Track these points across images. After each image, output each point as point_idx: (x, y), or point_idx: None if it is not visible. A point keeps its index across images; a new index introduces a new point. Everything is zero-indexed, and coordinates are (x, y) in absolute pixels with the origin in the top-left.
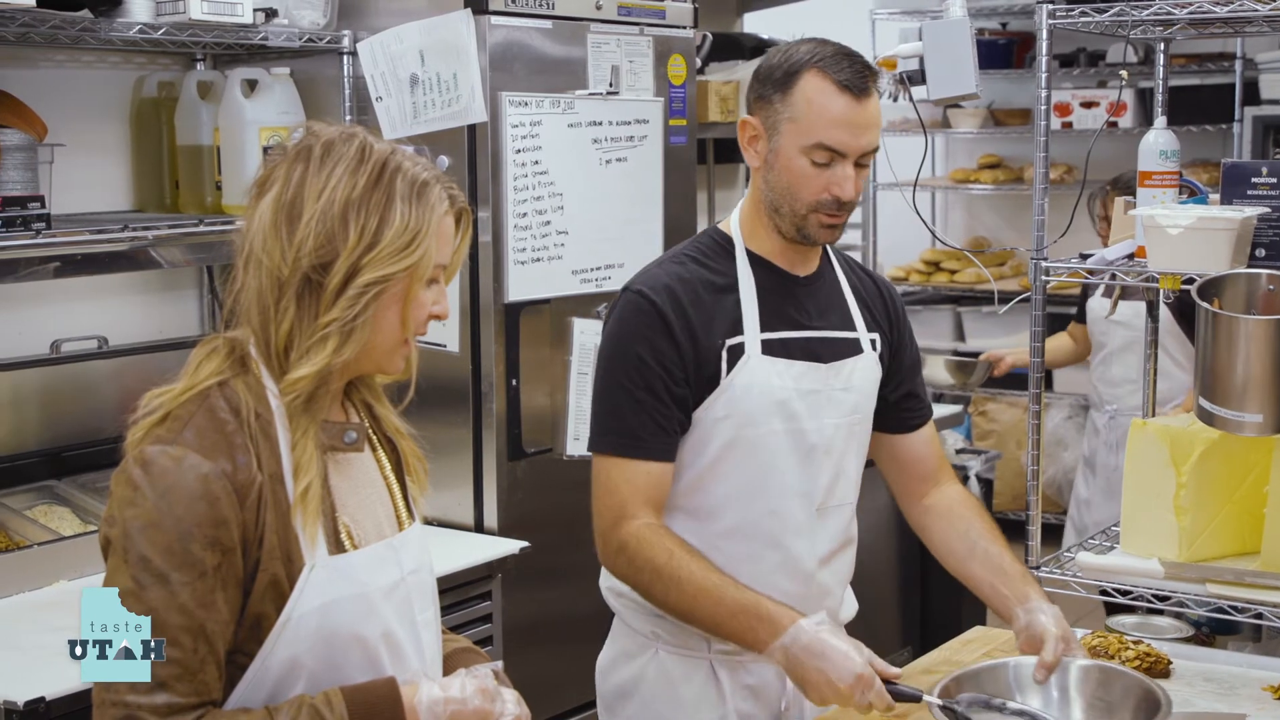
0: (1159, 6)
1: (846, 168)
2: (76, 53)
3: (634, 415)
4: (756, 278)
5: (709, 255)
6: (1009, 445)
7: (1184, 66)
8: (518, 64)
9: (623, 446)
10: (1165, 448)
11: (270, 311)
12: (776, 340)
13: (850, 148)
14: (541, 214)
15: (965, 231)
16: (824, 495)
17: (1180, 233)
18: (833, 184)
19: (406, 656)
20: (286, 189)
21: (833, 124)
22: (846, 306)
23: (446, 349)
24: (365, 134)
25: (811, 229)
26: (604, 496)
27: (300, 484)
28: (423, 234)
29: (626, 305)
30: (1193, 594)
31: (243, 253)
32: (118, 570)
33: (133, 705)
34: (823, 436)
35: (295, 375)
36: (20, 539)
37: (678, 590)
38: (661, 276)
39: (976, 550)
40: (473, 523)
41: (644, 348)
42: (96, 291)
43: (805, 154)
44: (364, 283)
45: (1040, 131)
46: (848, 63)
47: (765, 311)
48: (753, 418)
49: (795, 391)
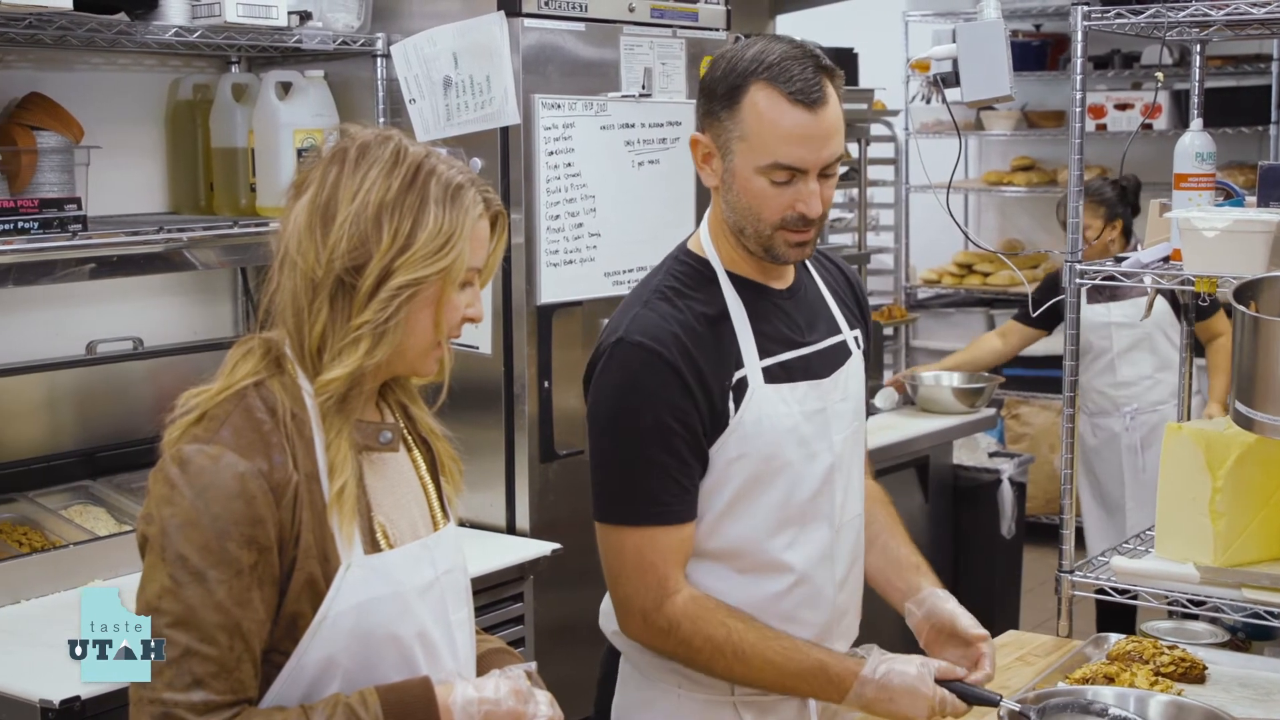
0: (1195, 8)
1: (809, 183)
2: (113, 55)
3: (658, 481)
4: (744, 301)
5: (692, 285)
6: (1042, 449)
7: (1220, 68)
8: (550, 66)
9: (650, 516)
10: (1201, 452)
11: (304, 313)
12: (776, 365)
13: (810, 163)
14: (574, 216)
15: (998, 234)
16: (840, 513)
17: (1216, 235)
18: (797, 201)
19: (441, 656)
20: (321, 191)
21: (787, 140)
22: (830, 311)
23: (479, 351)
24: (400, 137)
25: (779, 248)
26: (636, 573)
27: (335, 484)
28: (456, 237)
29: (630, 361)
30: (1228, 599)
31: (278, 254)
32: (155, 568)
33: (169, 703)
34: (834, 454)
35: (328, 376)
36: (56, 538)
37: (743, 665)
38: (658, 321)
39: (876, 543)
40: (505, 524)
41: (664, 410)
42: (132, 293)
43: (763, 174)
44: (396, 285)
45: (1074, 134)
46: (797, 68)
47: (759, 336)
48: (767, 453)
49: (801, 415)
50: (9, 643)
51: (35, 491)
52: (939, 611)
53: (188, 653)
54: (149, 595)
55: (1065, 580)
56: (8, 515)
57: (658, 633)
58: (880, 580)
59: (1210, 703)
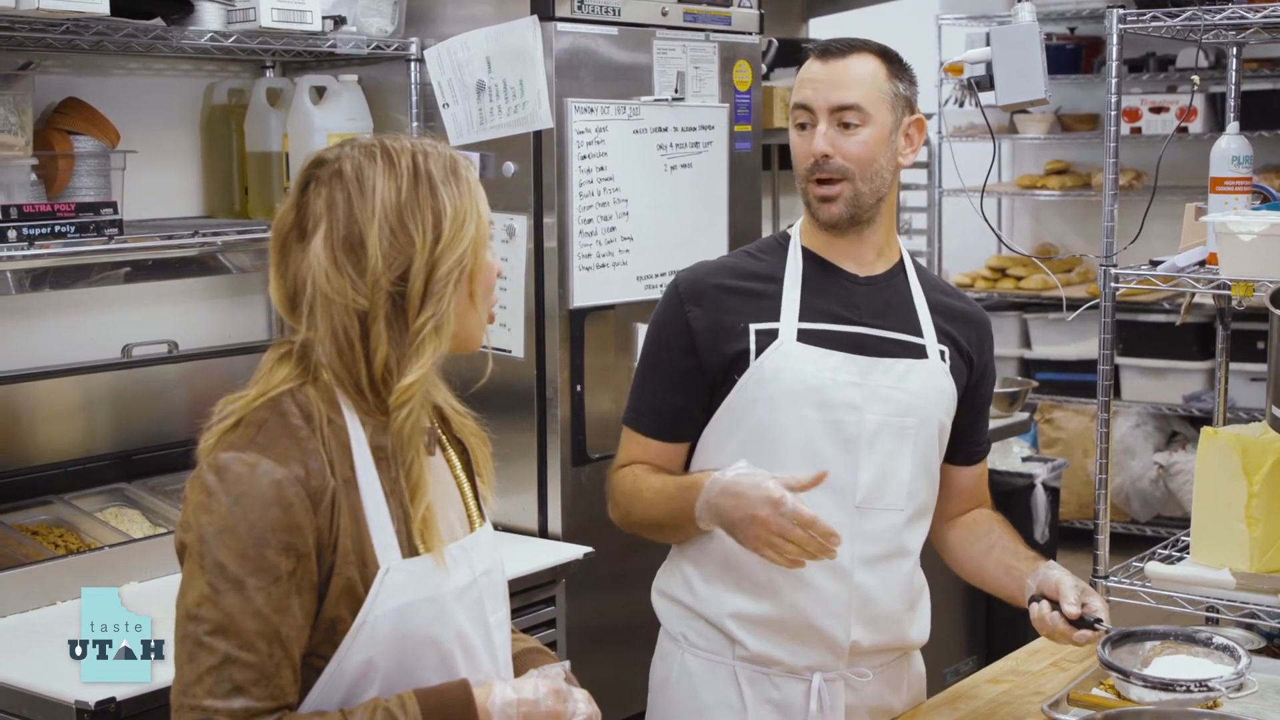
0: (1232, 11)
1: (820, 124)
2: (149, 60)
3: (637, 391)
4: (806, 271)
5: (763, 250)
6: (1075, 453)
7: (1256, 71)
8: (584, 70)
9: (627, 418)
10: (1237, 457)
11: (357, 348)
12: (813, 330)
13: (817, 103)
14: (606, 220)
15: (1032, 238)
16: (866, 494)
17: (1253, 239)
18: (812, 144)
19: (479, 658)
20: (336, 224)
21: (803, 84)
22: (913, 312)
23: (512, 354)
24: (375, 139)
25: (812, 203)
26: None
27: (419, 509)
28: (471, 206)
29: (665, 294)
30: (1265, 604)
31: (305, 301)
32: (194, 576)
33: (210, 710)
34: (863, 430)
35: (405, 383)
36: (91, 541)
37: (641, 502)
38: (698, 266)
39: (994, 550)
40: (537, 528)
41: (661, 330)
42: (167, 296)
43: (793, 122)
44: (444, 273)
45: (1110, 137)
46: (834, 40)
47: (808, 303)
48: (782, 401)
49: (832, 381)
50: (45, 644)
51: (70, 494)
52: (1047, 579)
53: (227, 660)
54: (188, 603)
55: (1100, 586)
56: (43, 517)
57: (610, 505)
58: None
59: (1246, 710)
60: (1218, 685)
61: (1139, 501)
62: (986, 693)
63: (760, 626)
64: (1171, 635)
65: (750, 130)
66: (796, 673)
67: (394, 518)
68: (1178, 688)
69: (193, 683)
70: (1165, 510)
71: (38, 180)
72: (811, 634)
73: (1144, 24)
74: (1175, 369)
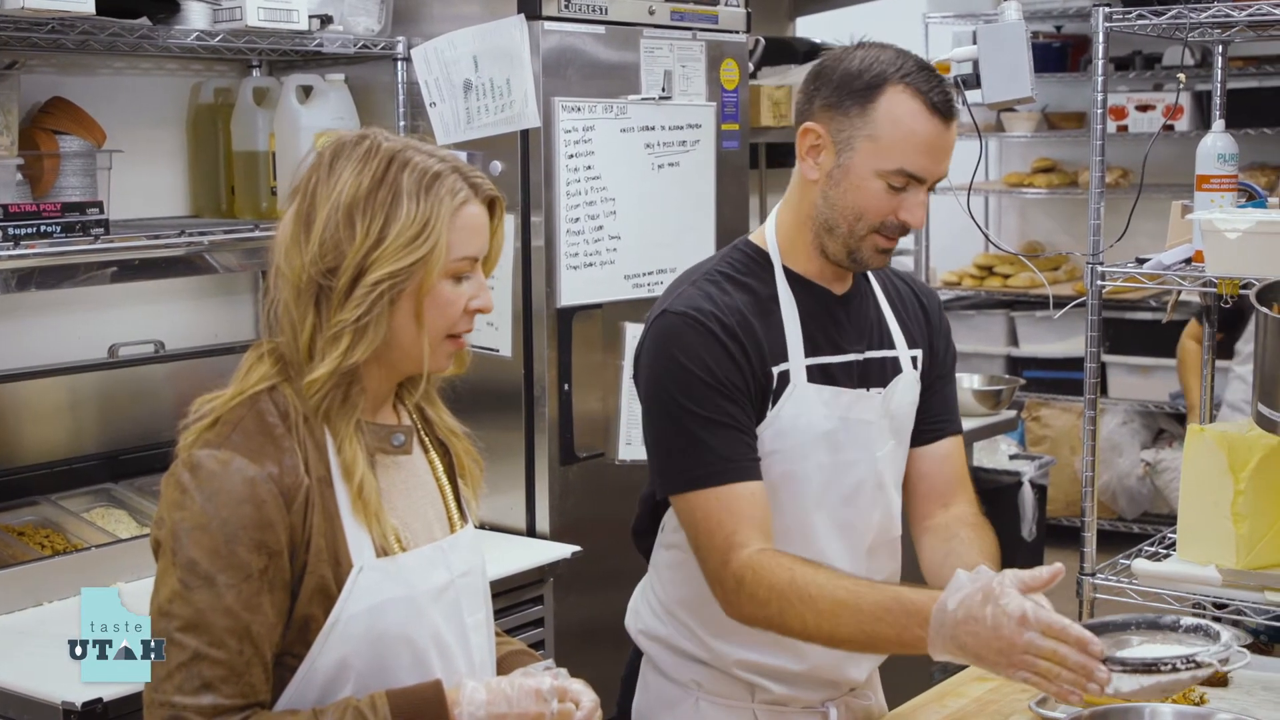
0: (1217, 9)
1: (921, 194)
2: (135, 60)
3: (715, 437)
4: (797, 298)
5: (744, 273)
6: (1063, 451)
7: (1242, 69)
8: (570, 69)
9: (713, 475)
10: (1223, 454)
11: (295, 323)
12: (818, 366)
13: (932, 174)
14: (594, 219)
15: (1019, 236)
16: (876, 533)
17: (1239, 237)
18: (903, 209)
19: (455, 659)
20: (305, 200)
21: (920, 149)
22: (885, 324)
23: (499, 353)
24: (377, 134)
25: (866, 253)
26: (705, 539)
27: (353, 483)
28: (432, 225)
29: (669, 328)
30: (1251, 601)
31: (272, 267)
32: (166, 572)
33: (179, 706)
34: (871, 470)
35: (311, 376)
36: (78, 541)
37: (813, 611)
38: (698, 299)
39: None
40: (524, 527)
41: (706, 368)
42: (153, 296)
43: (882, 177)
44: (372, 281)
45: (1096, 135)
46: (937, 81)
47: (808, 335)
48: (798, 452)
49: (841, 421)
50: (31, 645)
51: (57, 494)
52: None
53: (197, 656)
54: (160, 599)
55: (1087, 583)
56: (30, 518)
57: (731, 595)
58: None
59: (1233, 706)
60: (1207, 659)
61: (1126, 499)
62: (974, 691)
63: (780, 675)
64: (1133, 624)
65: (737, 129)
66: (812, 706)
67: (381, 510)
68: (1162, 667)
69: (163, 679)
70: (1152, 507)
71: (23, 180)
72: (830, 675)
73: (1130, 22)
74: (1162, 366)
